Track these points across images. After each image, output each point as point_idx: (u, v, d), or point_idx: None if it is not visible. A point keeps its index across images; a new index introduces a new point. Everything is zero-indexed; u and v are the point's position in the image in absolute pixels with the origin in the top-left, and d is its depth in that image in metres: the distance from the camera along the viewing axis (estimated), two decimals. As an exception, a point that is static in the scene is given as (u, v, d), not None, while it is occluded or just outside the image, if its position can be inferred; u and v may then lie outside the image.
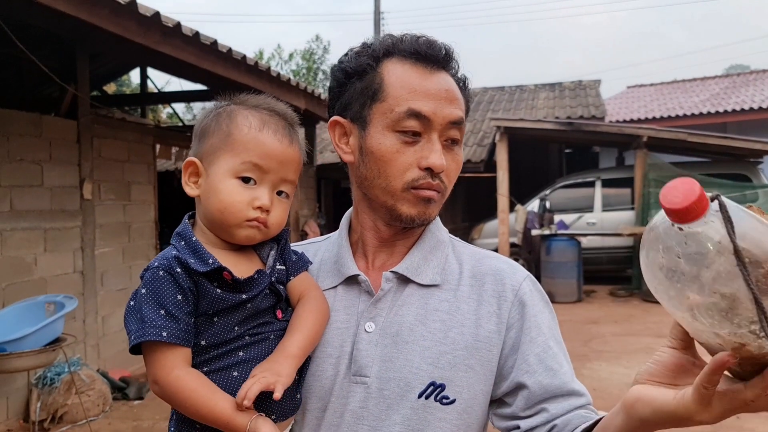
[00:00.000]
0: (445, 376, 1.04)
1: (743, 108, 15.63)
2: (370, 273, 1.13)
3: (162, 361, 0.96)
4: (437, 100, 1.04)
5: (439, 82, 1.06)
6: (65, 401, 4.81)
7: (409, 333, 1.06)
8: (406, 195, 1.05)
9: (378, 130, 1.05)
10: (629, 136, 11.22)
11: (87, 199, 5.71)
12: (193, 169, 1.05)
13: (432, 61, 1.06)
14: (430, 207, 1.08)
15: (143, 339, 0.94)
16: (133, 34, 4.13)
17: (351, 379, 1.05)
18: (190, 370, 0.97)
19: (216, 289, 0.99)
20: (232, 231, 1.03)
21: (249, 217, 1.02)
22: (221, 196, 1.01)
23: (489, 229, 12.38)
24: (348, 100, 1.10)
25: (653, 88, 21.17)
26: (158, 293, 0.96)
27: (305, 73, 29.71)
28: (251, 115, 1.05)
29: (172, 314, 0.95)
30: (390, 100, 1.04)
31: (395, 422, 1.02)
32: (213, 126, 1.06)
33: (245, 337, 1.02)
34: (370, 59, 1.08)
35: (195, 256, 0.99)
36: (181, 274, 0.97)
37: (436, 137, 1.04)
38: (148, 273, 0.98)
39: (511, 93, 17.87)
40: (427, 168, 1.04)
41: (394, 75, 1.06)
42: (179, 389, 0.94)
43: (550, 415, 1.01)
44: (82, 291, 5.68)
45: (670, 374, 0.76)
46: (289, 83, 6.73)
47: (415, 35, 1.09)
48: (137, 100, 9.44)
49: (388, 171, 1.04)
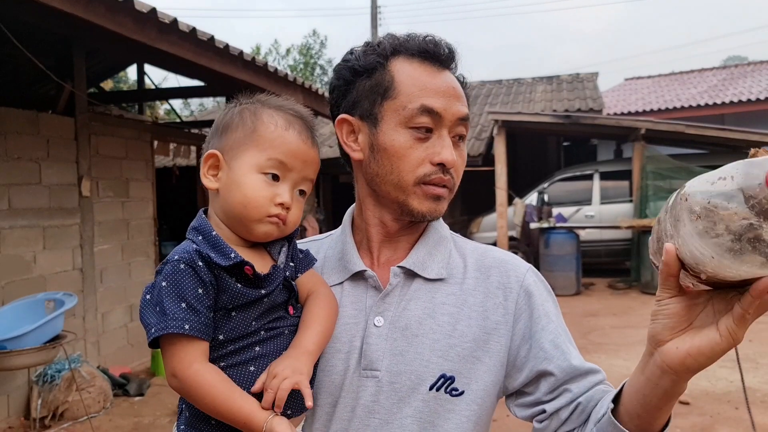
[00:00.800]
0: (455, 368, 1.05)
1: (741, 100, 15.64)
2: (375, 269, 1.14)
3: (182, 355, 0.95)
4: (447, 96, 1.07)
5: (445, 79, 1.09)
6: (66, 398, 4.82)
7: (419, 326, 1.07)
8: (416, 190, 1.07)
9: (391, 126, 1.07)
10: (627, 129, 11.23)
11: (85, 196, 5.71)
12: (213, 161, 1.05)
13: (438, 60, 1.09)
14: (440, 203, 1.10)
15: (165, 331, 0.94)
16: (129, 31, 4.11)
17: (361, 373, 1.06)
18: (209, 366, 0.97)
19: (236, 283, 0.99)
20: (252, 226, 1.03)
21: (271, 213, 1.02)
22: (245, 190, 1.02)
23: (487, 223, 12.40)
24: (356, 98, 1.11)
25: (651, 80, 21.16)
26: (180, 286, 0.95)
27: (302, 68, 29.68)
28: (276, 114, 1.06)
29: (194, 307, 0.95)
30: (402, 97, 1.06)
31: (407, 415, 1.04)
32: (237, 121, 1.06)
33: (261, 332, 1.03)
34: (379, 57, 1.09)
35: (216, 250, 0.99)
36: (202, 268, 0.97)
37: (446, 133, 1.07)
38: (168, 266, 0.98)
39: (509, 86, 17.86)
40: (440, 163, 1.06)
41: (404, 73, 1.08)
42: (198, 384, 0.94)
43: (573, 394, 1.05)
44: (81, 288, 5.69)
45: (685, 319, 0.80)
46: (287, 78, 6.72)
47: (420, 35, 1.11)
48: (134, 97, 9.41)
49: (401, 167, 1.06)
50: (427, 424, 1.04)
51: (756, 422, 4.70)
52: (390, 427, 1.04)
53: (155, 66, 6.99)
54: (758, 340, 6.87)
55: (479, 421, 1.08)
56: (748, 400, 5.11)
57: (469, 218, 13.91)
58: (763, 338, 7.00)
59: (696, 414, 4.74)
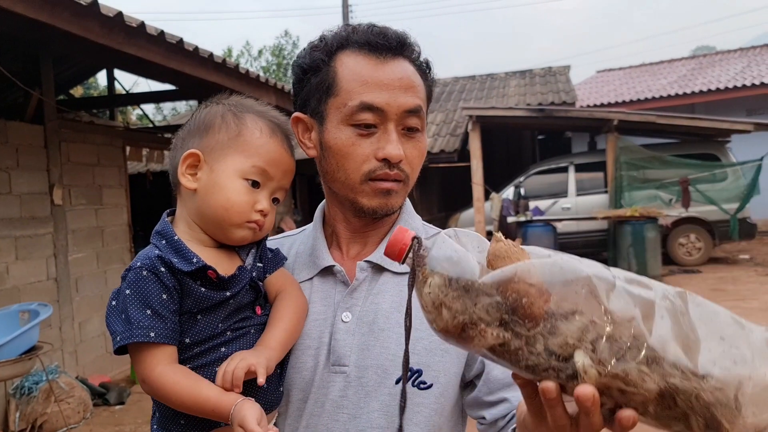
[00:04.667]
0: (422, 361, 1.05)
1: (710, 89, 15.90)
2: (345, 263, 1.14)
3: (148, 360, 0.96)
4: (391, 90, 1.03)
5: (393, 70, 1.05)
6: (44, 410, 4.75)
7: (385, 320, 1.07)
8: (364, 187, 1.06)
9: (334, 124, 1.06)
10: (600, 121, 11.34)
11: (58, 204, 5.63)
12: (193, 161, 1.05)
13: (385, 50, 1.05)
14: (391, 198, 1.08)
15: (131, 340, 0.95)
16: (96, 36, 4.05)
17: (330, 369, 1.06)
18: (174, 365, 0.98)
19: (200, 287, 1.00)
20: (231, 230, 1.04)
21: (251, 219, 1.04)
22: (229, 194, 1.03)
23: (465, 218, 12.44)
24: (306, 96, 1.10)
25: (622, 72, 21.40)
26: (143, 293, 0.96)
27: (275, 69, 29.49)
28: (259, 120, 1.08)
29: (159, 313, 0.96)
30: (343, 94, 1.04)
31: (374, 409, 1.04)
32: (219, 122, 1.06)
33: (227, 332, 1.03)
34: (323, 54, 1.08)
35: (178, 255, 1.00)
36: (165, 273, 0.97)
37: (392, 127, 1.04)
38: (131, 273, 0.98)
39: (482, 82, 17.93)
40: (384, 159, 1.04)
41: (346, 68, 1.05)
42: (164, 384, 0.95)
43: (510, 405, 1.03)
44: (57, 298, 5.61)
45: None
46: (258, 80, 6.67)
47: (369, 25, 1.09)
48: (105, 103, 9.27)
49: (346, 164, 1.05)
50: (395, 417, 1.03)
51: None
52: (358, 421, 1.04)
53: (125, 71, 6.90)
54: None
55: (451, 413, 1.08)
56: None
57: (447, 214, 13.95)
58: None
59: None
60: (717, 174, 10.93)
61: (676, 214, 10.93)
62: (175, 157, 1.07)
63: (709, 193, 10.76)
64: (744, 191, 10.74)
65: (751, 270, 10.66)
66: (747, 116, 14.80)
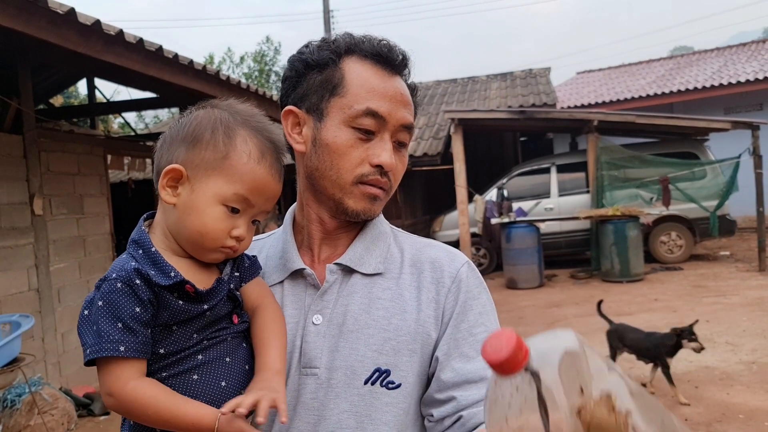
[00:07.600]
0: (390, 362, 1.06)
1: (688, 88, 16.06)
2: (315, 266, 1.15)
3: (118, 373, 0.94)
4: (393, 102, 1.08)
5: (395, 85, 1.10)
6: (27, 422, 4.69)
7: (354, 322, 1.08)
8: (353, 189, 1.08)
9: (335, 123, 1.07)
10: (580, 121, 11.45)
11: (38, 214, 5.58)
12: (174, 175, 1.02)
13: (390, 65, 1.10)
14: (375, 204, 1.11)
15: (100, 354, 0.92)
16: (74, 44, 4.04)
17: (301, 371, 1.07)
18: (147, 380, 0.96)
19: (177, 300, 0.98)
20: (204, 252, 1.03)
21: (225, 245, 1.02)
22: (205, 220, 1.00)
23: (449, 221, 12.49)
24: (305, 91, 1.11)
25: (602, 73, 21.59)
26: (116, 306, 0.94)
27: (257, 75, 29.43)
28: (251, 141, 1.04)
29: (130, 327, 0.94)
30: (349, 96, 1.07)
31: (343, 410, 1.04)
32: (208, 137, 1.02)
33: (203, 341, 1.02)
34: (332, 54, 1.10)
35: (156, 268, 0.98)
36: (140, 286, 0.95)
37: (388, 137, 1.08)
38: (106, 284, 0.96)
39: (464, 85, 18.03)
40: (378, 165, 1.07)
41: (354, 72, 1.08)
42: (138, 399, 0.93)
43: (458, 404, 1.03)
44: (39, 309, 5.56)
45: None
46: (240, 86, 6.67)
47: (376, 37, 1.12)
48: (85, 111, 9.22)
49: (340, 164, 1.07)
50: (364, 417, 1.04)
51: (714, 400, 4.83)
52: (327, 422, 1.04)
53: (104, 79, 6.86)
54: (715, 321, 7.07)
55: (416, 413, 1.09)
56: (707, 380, 5.25)
57: (431, 217, 14.00)
58: (719, 318, 7.21)
59: (658, 396, 4.86)
60: (696, 172, 11.06)
61: (657, 212, 11.04)
62: (161, 160, 1.05)
63: (689, 191, 10.88)
64: (723, 189, 10.88)
65: (731, 266, 10.81)
66: (725, 114, 15.00)
